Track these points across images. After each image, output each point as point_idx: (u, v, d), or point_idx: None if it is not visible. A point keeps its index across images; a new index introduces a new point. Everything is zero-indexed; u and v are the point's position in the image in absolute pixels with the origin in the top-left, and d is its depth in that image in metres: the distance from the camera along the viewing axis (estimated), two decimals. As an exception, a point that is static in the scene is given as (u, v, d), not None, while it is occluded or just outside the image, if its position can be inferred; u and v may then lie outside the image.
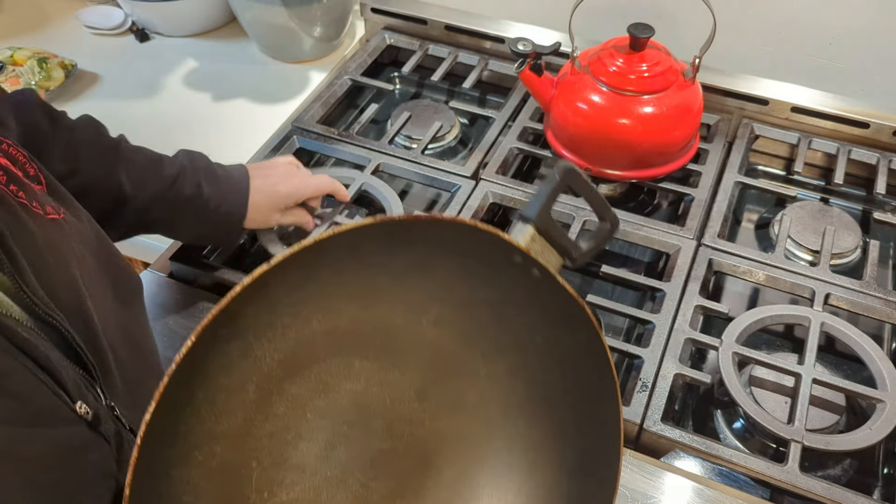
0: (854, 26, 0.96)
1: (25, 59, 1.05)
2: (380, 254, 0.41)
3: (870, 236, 0.85)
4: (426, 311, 0.45)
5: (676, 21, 1.02)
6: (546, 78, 0.86)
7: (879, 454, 0.68)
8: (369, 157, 0.89)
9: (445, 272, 0.43)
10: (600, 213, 0.45)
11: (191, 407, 0.39)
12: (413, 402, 0.46)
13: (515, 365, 0.46)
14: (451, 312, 0.45)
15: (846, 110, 0.92)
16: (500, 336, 0.46)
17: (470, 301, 0.45)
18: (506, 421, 0.47)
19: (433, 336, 0.45)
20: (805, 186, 0.94)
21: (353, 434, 0.45)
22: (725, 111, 0.97)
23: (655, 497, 0.59)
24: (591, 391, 0.45)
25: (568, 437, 0.46)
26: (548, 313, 0.44)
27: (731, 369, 0.67)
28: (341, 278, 0.42)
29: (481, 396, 0.47)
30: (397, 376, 0.46)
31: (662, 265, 0.81)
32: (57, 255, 0.42)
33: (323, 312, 0.42)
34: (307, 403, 0.43)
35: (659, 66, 0.81)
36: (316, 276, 0.41)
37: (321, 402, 0.44)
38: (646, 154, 0.83)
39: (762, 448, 0.67)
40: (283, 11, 1.04)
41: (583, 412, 0.46)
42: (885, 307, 0.74)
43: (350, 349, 0.44)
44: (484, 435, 0.48)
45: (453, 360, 0.46)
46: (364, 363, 0.45)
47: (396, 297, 0.44)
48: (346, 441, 0.45)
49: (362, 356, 0.45)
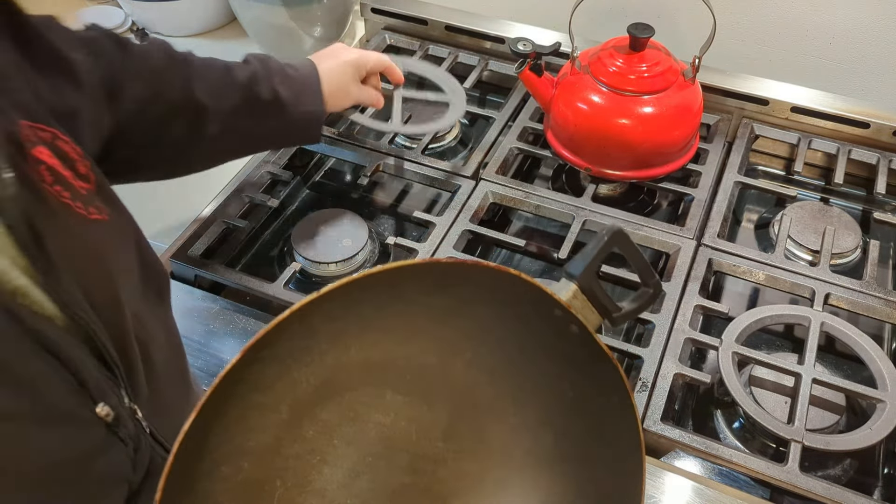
0: (854, 26, 0.96)
1: (25, 60, 1.05)
2: (421, 293, 0.42)
3: (870, 236, 0.85)
4: (461, 352, 0.45)
5: (676, 21, 1.02)
6: (546, 78, 0.86)
7: (879, 454, 0.68)
8: (369, 157, 0.90)
9: (484, 317, 0.44)
10: (644, 279, 0.46)
11: (223, 422, 0.39)
12: (439, 441, 0.46)
13: (544, 415, 0.46)
14: (485, 356, 0.45)
15: (846, 110, 0.92)
16: (532, 384, 0.46)
17: (505, 347, 0.45)
18: (527, 469, 0.47)
19: (465, 377, 0.46)
20: (805, 186, 0.94)
21: (378, 465, 0.45)
22: (725, 111, 0.97)
23: (655, 497, 0.59)
24: (617, 453, 0.44)
25: (589, 497, 0.46)
26: (582, 370, 0.44)
27: (731, 369, 0.67)
28: (381, 313, 0.42)
29: (507, 442, 0.47)
30: (426, 413, 0.46)
31: (662, 265, 0.81)
32: (95, 255, 0.42)
33: (360, 343, 0.43)
34: (336, 430, 0.44)
35: (659, 66, 0.81)
36: (357, 310, 0.41)
37: (349, 430, 0.44)
38: (646, 154, 0.83)
39: (762, 448, 0.67)
40: (283, 11, 1.04)
41: (606, 471, 0.45)
42: (885, 307, 0.74)
43: (383, 381, 0.45)
44: (505, 481, 0.48)
45: (483, 403, 0.46)
46: (395, 396, 0.45)
47: (433, 336, 0.44)
48: (369, 471, 0.45)
49: (394, 389, 0.45)
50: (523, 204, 0.85)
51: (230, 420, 0.39)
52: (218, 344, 0.70)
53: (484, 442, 0.47)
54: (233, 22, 1.22)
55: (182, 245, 0.79)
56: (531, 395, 0.46)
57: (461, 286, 0.42)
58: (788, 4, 0.97)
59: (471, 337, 0.45)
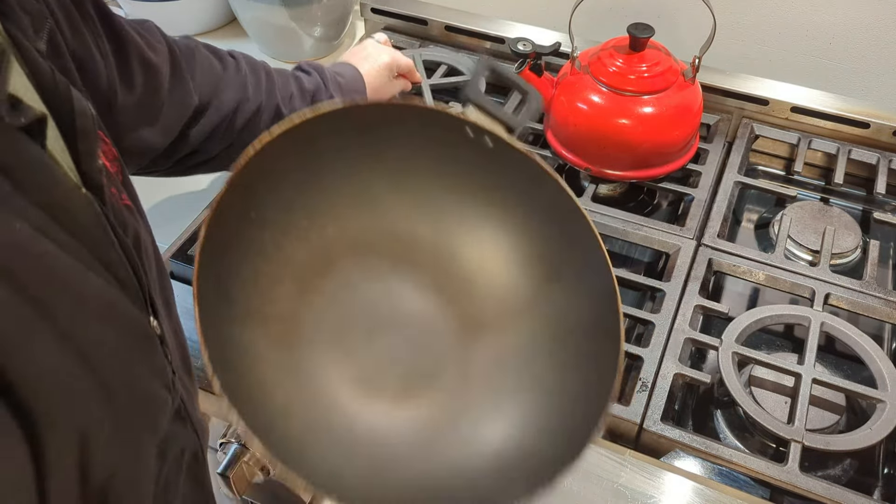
0: (854, 26, 0.96)
1: (25, 60, 1.05)
2: (366, 147, 0.49)
3: (870, 236, 0.85)
4: (417, 205, 0.52)
5: (676, 21, 1.02)
6: (546, 78, 0.86)
7: (879, 454, 0.68)
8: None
9: (415, 159, 0.51)
10: (523, 91, 0.52)
11: (239, 280, 0.45)
12: (432, 294, 0.53)
13: (501, 228, 0.53)
14: (433, 198, 0.53)
15: (846, 110, 0.92)
16: (482, 208, 0.53)
17: (444, 182, 0.52)
18: (501, 272, 0.53)
19: (429, 226, 0.53)
20: (805, 186, 0.94)
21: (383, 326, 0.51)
22: (725, 111, 0.97)
23: (655, 497, 0.59)
24: (571, 235, 0.50)
25: (560, 279, 0.51)
26: (514, 178, 0.50)
27: (731, 369, 0.67)
28: (339, 184, 0.49)
29: (480, 257, 0.53)
30: (412, 271, 0.53)
31: (662, 265, 0.81)
32: (132, 236, 0.43)
33: (334, 220, 0.50)
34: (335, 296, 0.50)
35: (659, 66, 0.81)
36: (315, 180, 0.48)
37: (348, 296, 0.51)
38: (646, 154, 0.83)
39: (762, 448, 0.67)
40: (283, 11, 1.04)
41: (567, 256, 0.51)
42: (885, 307, 0.74)
43: (365, 250, 0.51)
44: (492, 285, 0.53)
45: (447, 243, 0.53)
46: (380, 261, 0.52)
47: (393, 202, 0.52)
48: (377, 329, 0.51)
49: (378, 256, 0.52)
50: (523, 204, 0.85)
51: (245, 279, 0.44)
52: (218, 344, 0.70)
53: (469, 280, 0.53)
54: (233, 22, 1.22)
55: (182, 245, 0.78)
56: (486, 220, 0.53)
57: (380, 129, 0.48)
58: (788, 4, 0.97)
59: (412, 184, 0.52)
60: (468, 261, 0.53)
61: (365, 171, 0.50)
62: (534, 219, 0.52)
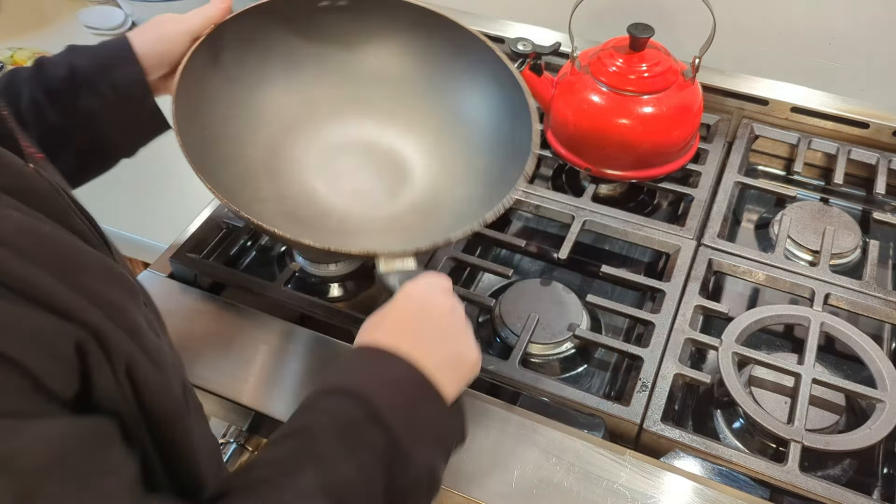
0: (854, 26, 0.96)
1: (25, 60, 1.05)
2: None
3: (869, 236, 0.85)
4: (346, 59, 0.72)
5: (676, 21, 1.02)
6: (546, 78, 0.86)
7: (879, 454, 0.68)
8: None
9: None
10: None
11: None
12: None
13: (394, 56, 0.72)
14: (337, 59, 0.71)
15: (846, 110, 0.92)
16: (377, 55, 0.72)
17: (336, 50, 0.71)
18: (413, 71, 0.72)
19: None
20: (805, 186, 0.94)
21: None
22: (725, 111, 0.97)
23: (655, 497, 0.59)
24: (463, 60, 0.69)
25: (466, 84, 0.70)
26: (382, 24, 0.70)
27: (731, 369, 0.67)
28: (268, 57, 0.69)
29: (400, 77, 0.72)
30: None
31: (662, 265, 0.81)
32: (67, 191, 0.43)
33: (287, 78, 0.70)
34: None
35: (659, 66, 0.81)
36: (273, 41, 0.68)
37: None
38: (646, 154, 0.83)
39: (762, 448, 0.67)
40: (283, 11, 1.04)
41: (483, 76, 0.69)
42: (885, 307, 0.74)
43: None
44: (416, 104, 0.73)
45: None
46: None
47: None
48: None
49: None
50: (523, 204, 0.85)
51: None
52: (217, 344, 0.70)
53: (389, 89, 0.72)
54: (233, 22, 1.22)
55: (182, 245, 0.79)
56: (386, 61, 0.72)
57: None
58: (788, 4, 0.97)
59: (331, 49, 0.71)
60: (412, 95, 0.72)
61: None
62: (419, 49, 0.71)
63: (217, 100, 0.65)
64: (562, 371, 0.74)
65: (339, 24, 0.69)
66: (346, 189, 0.68)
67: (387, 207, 0.68)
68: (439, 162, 0.70)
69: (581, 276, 0.83)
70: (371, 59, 0.71)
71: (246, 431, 0.70)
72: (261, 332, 0.70)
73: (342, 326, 0.71)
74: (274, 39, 0.68)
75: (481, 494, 0.59)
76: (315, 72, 0.70)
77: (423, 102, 0.71)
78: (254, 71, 0.67)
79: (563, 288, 0.77)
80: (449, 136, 0.71)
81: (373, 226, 0.66)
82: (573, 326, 0.73)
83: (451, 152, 0.70)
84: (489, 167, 0.67)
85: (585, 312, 0.76)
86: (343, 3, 0.66)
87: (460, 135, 0.70)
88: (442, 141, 0.71)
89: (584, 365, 0.74)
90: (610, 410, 0.64)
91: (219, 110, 0.65)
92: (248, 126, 0.67)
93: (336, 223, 0.66)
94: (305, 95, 0.70)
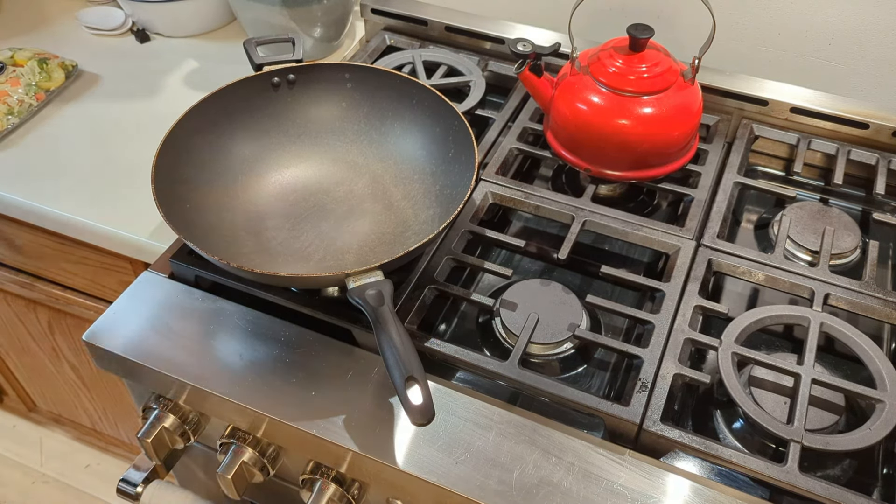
0: (853, 26, 0.96)
1: (26, 60, 1.05)
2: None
3: (869, 236, 0.85)
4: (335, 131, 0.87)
5: (676, 21, 1.02)
6: (546, 79, 0.86)
7: (879, 454, 0.68)
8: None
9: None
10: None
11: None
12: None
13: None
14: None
15: (846, 111, 0.92)
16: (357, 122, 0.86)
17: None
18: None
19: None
20: (804, 187, 0.94)
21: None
22: (725, 112, 0.97)
23: (655, 497, 0.59)
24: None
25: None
26: (328, 87, 0.85)
27: (731, 369, 0.67)
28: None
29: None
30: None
31: (662, 265, 0.82)
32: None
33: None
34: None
35: (658, 66, 0.81)
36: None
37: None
38: (645, 155, 0.83)
39: (761, 448, 0.67)
40: (284, 12, 1.04)
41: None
42: (885, 307, 0.74)
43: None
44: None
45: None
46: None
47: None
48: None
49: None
50: (523, 204, 0.85)
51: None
52: (218, 344, 0.70)
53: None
54: (233, 22, 1.22)
55: (182, 245, 0.79)
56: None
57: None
58: (788, 4, 0.97)
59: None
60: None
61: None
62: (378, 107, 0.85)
63: (189, 182, 0.76)
64: (561, 371, 0.74)
65: (292, 94, 0.83)
66: (317, 233, 0.79)
67: (356, 242, 0.79)
68: (401, 193, 0.82)
69: (581, 276, 0.83)
70: (324, 116, 0.85)
71: (246, 432, 0.70)
72: (261, 332, 0.70)
73: (342, 327, 0.71)
74: (234, 119, 0.81)
75: (481, 494, 0.59)
76: (277, 138, 0.84)
77: (377, 147, 0.85)
78: (220, 153, 0.80)
79: (562, 288, 0.77)
80: (408, 170, 0.83)
81: (346, 259, 0.77)
82: (573, 326, 0.73)
83: (410, 182, 0.82)
84: (443, 188, 0.79)
85: (585, 312, 0.76)
86: (292, 77, 0.82)
87: (414, 167, 0.82)
88: (401, 176, 0.83)
89: (584, 365, 0.74)
90: (609, 410, 0.64)
91: (193, 192, 0.76)
92: (223, 197, 0.79)
93: (314, 263, 0.76)
94: (270, 157, 0.83)
